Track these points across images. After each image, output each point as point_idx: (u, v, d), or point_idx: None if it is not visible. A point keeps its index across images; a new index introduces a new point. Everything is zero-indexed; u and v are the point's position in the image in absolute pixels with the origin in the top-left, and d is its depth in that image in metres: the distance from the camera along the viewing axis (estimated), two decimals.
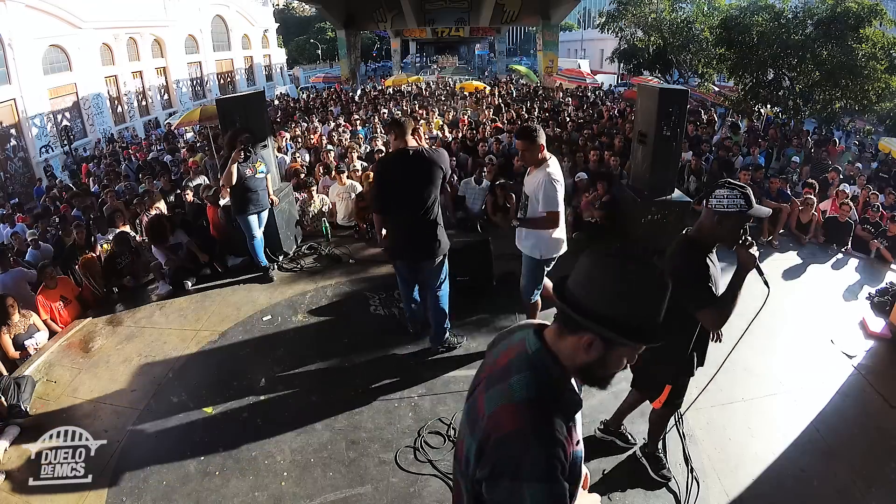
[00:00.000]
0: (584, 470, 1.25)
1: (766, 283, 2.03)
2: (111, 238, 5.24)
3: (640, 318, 1.03)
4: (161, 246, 4.83)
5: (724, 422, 2.98)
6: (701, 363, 2.26)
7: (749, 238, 1.99)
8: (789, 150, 9.18)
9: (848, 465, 2.70)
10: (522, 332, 1.18)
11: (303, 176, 6.70)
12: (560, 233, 3.18)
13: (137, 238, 5.64)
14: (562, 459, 1.01)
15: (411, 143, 3.14)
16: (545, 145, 3.03)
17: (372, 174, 6.10)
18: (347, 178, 6.09)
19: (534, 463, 0.99)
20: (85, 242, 5.64)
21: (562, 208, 3.05)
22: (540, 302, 3.52)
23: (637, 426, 2.82)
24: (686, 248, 2.06)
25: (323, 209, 5.99)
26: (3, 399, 3.24)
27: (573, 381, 1.14)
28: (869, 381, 3.34)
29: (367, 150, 8.11)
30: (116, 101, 20.35)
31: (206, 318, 4.26)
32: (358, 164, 6.77)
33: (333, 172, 6.18)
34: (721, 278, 2.08)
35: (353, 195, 5.89)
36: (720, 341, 2.49)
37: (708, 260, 2.01)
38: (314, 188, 6.05)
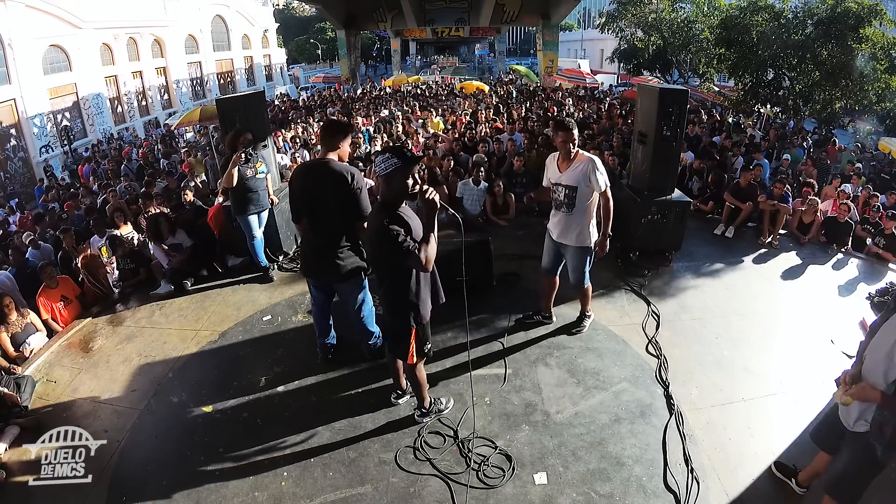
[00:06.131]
0: None
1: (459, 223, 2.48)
2: (107, 241, 5.20)
3: None
4: (159, 244, 4.82)
5: (724, 422, 2.98)
6: (436, 303, 2.71)
7: (422, 185, 2.29)
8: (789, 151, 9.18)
9: None
10: None
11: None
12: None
13: (139, 238, 5.63)
14: None
15: (333, 154, 3.00)
16: (577, 140, 3.24)
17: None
18: None
19: None
20: (76, 247, 5.48)
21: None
22: (591, 287, 3.66)
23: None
24: (376, 214, 2.40)
25: None
26: (5, 395, 3.25)
27: None
28: None
29: (367, 151, 8.11)
30: (116, 101, 20.38)
31: (206, 318, 4.26)
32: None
33: None
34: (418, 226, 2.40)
35: None
36: None
37: (400, 214, 2.36)
38: None
